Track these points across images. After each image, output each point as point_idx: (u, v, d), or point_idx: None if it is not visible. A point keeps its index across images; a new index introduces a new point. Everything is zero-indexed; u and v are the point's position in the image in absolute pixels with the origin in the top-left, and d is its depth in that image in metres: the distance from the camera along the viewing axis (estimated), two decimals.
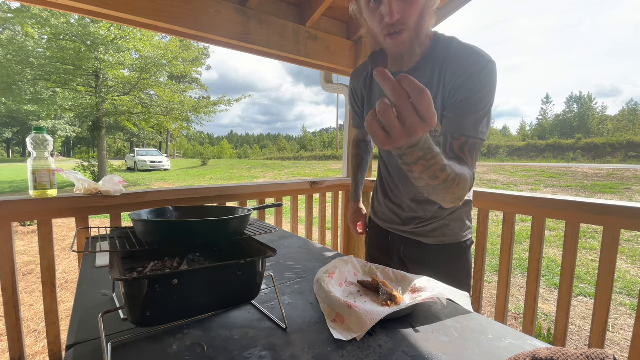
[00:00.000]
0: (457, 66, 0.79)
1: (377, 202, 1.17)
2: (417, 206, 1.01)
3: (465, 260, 1.02)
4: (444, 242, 1.00)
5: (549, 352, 0.42)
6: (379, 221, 1.17)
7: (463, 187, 0.68)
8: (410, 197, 1.02)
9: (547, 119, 56.55)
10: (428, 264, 1.00)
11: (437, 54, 0.83)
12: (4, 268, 1.18)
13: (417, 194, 1.00)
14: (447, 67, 0.80)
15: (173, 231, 0.62)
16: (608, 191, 8.10)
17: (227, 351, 0.53)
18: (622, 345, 2.15)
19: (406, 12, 0.75)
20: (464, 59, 0.79)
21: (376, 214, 1.18)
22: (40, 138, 1.19)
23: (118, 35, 10.58)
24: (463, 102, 0.77)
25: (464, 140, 0.76)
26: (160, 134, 33.89)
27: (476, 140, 0.77)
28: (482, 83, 0.76)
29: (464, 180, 0.67)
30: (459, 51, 0.80)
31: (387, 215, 1.11)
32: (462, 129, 0.76)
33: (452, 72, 0.79)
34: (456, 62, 0.79)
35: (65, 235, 4.79)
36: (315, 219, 3.89)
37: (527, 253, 2.57)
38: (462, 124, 0.77)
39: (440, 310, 0.68)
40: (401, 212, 1.06)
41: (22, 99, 10.46)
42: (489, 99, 0.77)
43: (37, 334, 2.23)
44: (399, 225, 1.07)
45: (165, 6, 1.34)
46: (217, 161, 28.31)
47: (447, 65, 0.81)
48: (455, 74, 0.79)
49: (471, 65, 0.77)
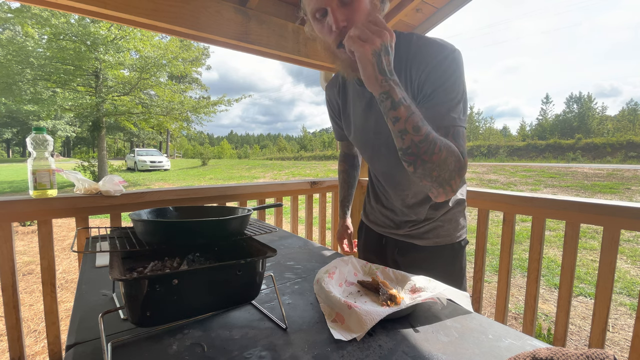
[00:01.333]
0: (420, 60, 0.77)
1: (370, 206, 1.16)
2: (408, 210, 1.00)
3: (460, 260, 1.01)
4: (438, 243, 0.99)
5: (549, 352, 0.42)
6: (372, 225, 1.15)
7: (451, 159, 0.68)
8: (400, 202, 1.01)
9: (547, 119, 56.59)
10: (423, 265, 0.97)
11: (398, 52, 0.80)
12: (4, 268, 1.18)
13: (406, 198, 0.99)
14: (411, 64, 0.79)
15: (173, 231, 0.62)
16: (608, 191, 8.11)
17: (227, 351, 0.53)
18: (622, 345, 2.15)
19: (351, 18, 0.74)
20: (425, 52, 0.77)
21: (369, 218, 1.16)
22: (40, 138, 1.19)
23: (118, 35, 10.58)
24: (433, 94, 0.75)
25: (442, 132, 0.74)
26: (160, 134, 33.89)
27: (457, 128, 0.74)
28: (447, 72, 0.75)
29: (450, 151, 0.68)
30: (420, 46, 0.79)
31: (380, 219, 1.10)
32: (439, 121, 0.74)
33: (416, 68, 0.78)
34: (418, 56, 0.78)
35: (65, 235, 4.79)
36: (315, 219, 3.89)
37: (527, 253, 2.57)
38: (437, 116, 0.74)
39: (440, 310, 0.68)
40: (394, 216, 1.05)
41: (22, 99, 10.46)
42: (458, 86, 0.75)
43: (37, 334, 2.23)
44: (392, 229, 1.06)
45: (165, 6, 1.34)
46: (217, 161, 28.33)
47: (409, 62, 0.79)
48: (419, 69, 0.77)
49: (433, 56, 0.76)
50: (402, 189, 0.98)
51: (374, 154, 0.98)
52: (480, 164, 16.51)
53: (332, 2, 0.72)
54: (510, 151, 28.78)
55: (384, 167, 0.99)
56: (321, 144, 67.37)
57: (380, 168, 1.01)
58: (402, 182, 0.97)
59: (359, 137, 1.00)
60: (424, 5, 1.82)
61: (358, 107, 0.95)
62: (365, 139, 0.97)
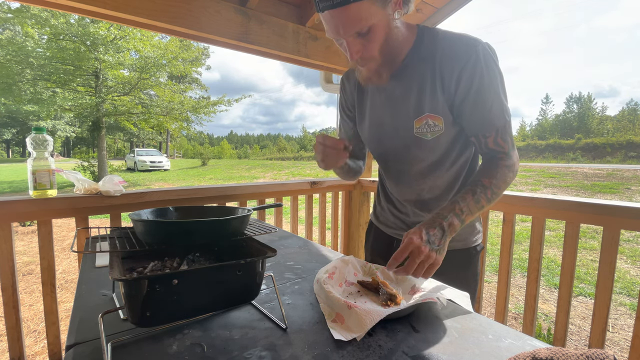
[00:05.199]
0: (451, 60, 0.77)
1: (380, 207, 1.12)
2: (422, 209, 0.97)
3: (474, 266, 0.97)
4: (451, 247, 0.92)
5: (549, 352, 0.42)
6: (382, 227, 1.11)
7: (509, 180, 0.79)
8: (412, 203, 0.98)
9: (546, 119, 56.61)
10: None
11: (425, 49, 0.81)
12: (4, 268, 1.18)
13: (421, 192, 0.95)
14: (441, 61, 0.78)
15: (173, 231, 0.62)
16: (608, 191, 8.11)
17: (227, 351, 0.53)
18: (622, 345, 2.15)
19: (367, 47, 0.74)
20: (455, 52, 0.77)
21: (379, 220, 1.12)
22: (40, 138, 1.19)
23: (118, 35, 10.58)
24: (475, 95, 0.76)
25: (494, 134, 0.79)
26: (160, 134, 33.88)
27: (505, 125, 0.78)
28: (483, 71, 0.75)
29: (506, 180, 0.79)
30: (449, 41, 0.78)
31: (391, 221, 1.06)
32: (489, 124, 0.78)
33: (448, 67, 0.77)
34: (448, 55, 0.78)
35: (65, 235, 4.79)
36: (315, 219, 3.89)
37: (527, 253, 2.57)
38: (485, 118, 0.78)
39: (440, 310, 0.68)
40: (406, 217, 1.01)
41: (22, 99, 10.46)
42: (497, 81, 0.76)
43: (37, 334, 2.23)
44: (404, 231, 1.01)
45: (165, 6, 1.34)
46: (217, 161, 28.33)
47: (439, 59, 0.79)
48: (453, 69, 0.77)
49: (465, 57, 0.75)
50: (417, 184, 0.94)
51: (388, 150, 0.95)
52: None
53: (347, 36, 0.72)
54: None
55: (399, 164, 0.95)
56: None
57: (395, 165, 0.97)
58: (417, 178, 0.94)
59: (374, 132, 0.96)
60: (424, 5, 1.82)
61: (377, 100, 0.92)
62: (380, 133, 0.94)
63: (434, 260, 0.67)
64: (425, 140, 0.85)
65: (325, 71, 2.15)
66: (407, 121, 0.85)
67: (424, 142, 0.85)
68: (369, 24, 0.70)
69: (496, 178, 0.77)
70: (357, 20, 0.68)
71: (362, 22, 0.69)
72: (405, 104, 0.85)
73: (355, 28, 0.70)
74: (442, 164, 0.89)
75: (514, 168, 0.80)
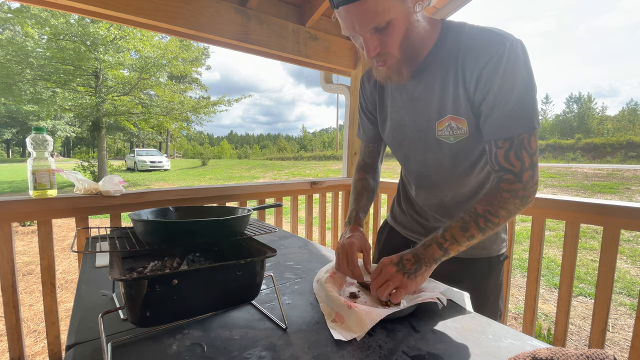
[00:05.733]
0: (476, 56, 0.70)
1: (399, 208, 1.06)
2: (442, 217, 0.91)
3: (495, 276, 0.91)
4: (472, 255, 0.88)
5: (549, 352, 0.42)
6: (399, 227, 1.05)
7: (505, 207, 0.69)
8: (433, 208, 0.92)
9: (546, 119, 56.59)
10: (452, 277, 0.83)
11: (449, 46, 0.74)
12: (4, 268, 1.18)
13: (444, 198, 0.89)
14: (465, 58, 0.71)
15: (173, 231, 0.62)
16: (608, 191, 8.11)
17: (227, 351, 0.53)
18: (622, 345, 2.15)
19: (385, 43, 0.69)
20: (480, 47, 0.69)
21: (396, 220, 1.07)
22: (40, 138, 1.19)
23: (118, 35, 10.58)
24: (495, 97, 0.68)
25: (507, 145, 0.69)
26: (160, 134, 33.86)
27: (522, 137, 0.67)
28: (507, 69, 0.66)
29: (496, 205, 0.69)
30: (474, 37, 0.71)
31: (409, 223, 1.01)
32: (503, 131, 0.69)
33: (471, 63, 0.70)
34: (473, 50, 0.70)
35: (65, 235, 4.79)
36: (315, 219, 3.88)
37: (527, 253, 2.57)
38: (500, 124, 0.69)
39: (440, 310, 0.68)
40: (426, 222, 0.96)
41: (22, 99, 10.45)
42: (524, 83, 0.67)
43: (37, 334, 2.23)
44: (422, 235, 0.96)
45: (165, 6, 1.34)
46: (217, 161, 28.33)
47: (462, 56, 0.72)
48: (474, 67, 0.70)
49: (492, 52, 0.67)
50: (439, 189, 0.89)
51: (410, 152, 0.90)
52: None
53: (364, 32, 0.68)
54: None
55: (421, 167, 0.90)
56: (321, 144, 67.43)
57: (416, 168, 0.91)
58: (439, 183, 0.88)
59: (395, 133, 0.91)
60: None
61: (398, 100, 0.87)
62: (402, 135, 0.89)
63: (400, 283, 0.65)
64: (448, 144, 0.79)
65: (325, 71, 2.15)
66: (429, 123, 0.80)
67: (446, 145, 0.80)
68: (387, 18, 0.65)
69: (493, 205, 0.69)
70: (374, 14, 0.64)
71: (379, 17, 0.64)
72: (427, 105, 0.80)
73: (372, 23, 0.65)
74: (466, 171, 0.83)
75: (521, 194, 0.69)
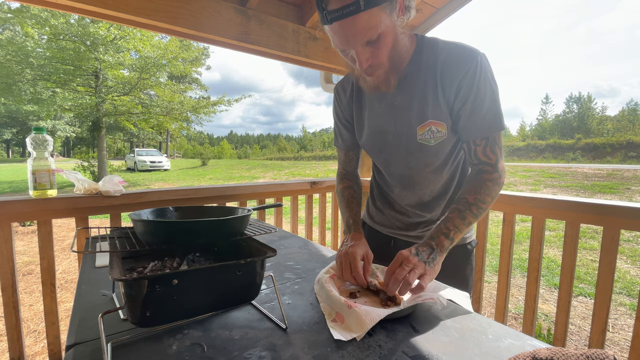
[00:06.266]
0: (452, 69, 0.79)
1: (376, 208, 1.11)
2: (423, 209, 0.98)
3: (471, 261, 1.02)
4: None
5: (549, 352, 0.42)
6: (377, 226, 1.10)
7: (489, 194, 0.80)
8: (416, 200, 0.98)
9: (546, 119, 56.59)
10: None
11: (426, 58, 0.83)
12: (4, 268, 1.18)
13: (423, 195, 0.97)
14: (442, 70, 0.80)
15: (173, 231, 0.62)
16: (608, 191, 8.11)
17: (227, 351, 0.53)
18: (622, 345, 2.15)
19: (376, 55, 0.73)
20: (456, 61, 0.79)
21: (373, 220, 1.12)
22: (40, 138, 1.19)
23: (118, 35, 10.57)
24: (472, 104, 0.79)
25: (484, 143, 0.82)
26: (160, 134, 33.86)
27: (495, 135, 0.81)
28: (480, 80, 0.78)
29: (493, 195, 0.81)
30: (449, 52, 0.80)
31: (388, 221, 1.07)
32: (481, 132, 0.81)
33: (448, 76, 0.80)
34: (449, 64, 0.80)
35: (65, 235, 4.79)
36: (315, 219, 3.89)
37: (527, 253, 2.57)
38: (478, 126, 0.81)
39: (440, 310, 0.68)
40: (406, 218, 1.02)
41: (22, 99, 10.45)
42: (493, 91, 0.79)
43: (37, 334, 2.23)
44: (403, 231, 1.03)
45: (165, 6, 1.34)
46: (217, 161, 28.33)
47: (439, 68, 0.81)
48: (453, 78, 0.79)
49: (465, 66, 0.78)
50: (420, 188, 0.96)
51: (391, 157, 0.96)
52: None
53: (357, 46, 0.70)
54: (510, 151, 28.79)
55: (402, 169, 0.96)
56: (321, 144, 67.39)
57: (397, 171, 0.97)
58: (420, 182, 0.96)
59: (375, 140, 0.96)
60: (424, 5, 1.82)
61: (377, 109, 0.93)
62: (383, 141, 0.94)
63: (424, 270, 0.68)
64: (429, 146, 0.87)
65: (325, 71, 2.15)
66: (410, 128, 0.87)
67: (427, 147, 0.87)
68: (378, 31, 0.69)
69: (480, 194, 0.79)
70: (367, 28, 0.67)
71: (372, 30, 0.68)
72: (408, 112, 0.86)
73: (365, 37, 0.69)
74: (441, 168, 0.92)
75: (499, 181, 0.82)
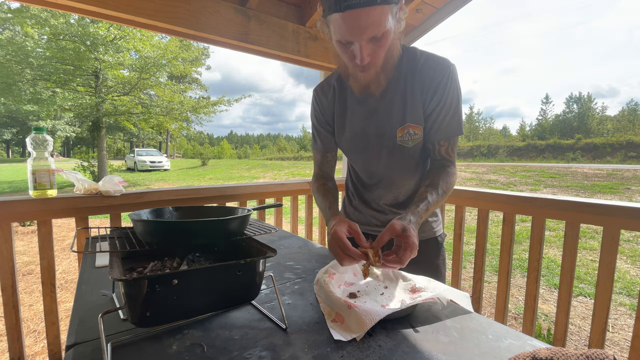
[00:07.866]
0: (427, 77, 0.87)
1: (352, 207, 1.13)
2: (398, 207, 1.03)
3: (443, 253, 1.08)
4: (423, 237, 1.03)
5: (549, 352, 0.42)
6: None
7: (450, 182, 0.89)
8: (392, 199, 1.03)
9: (546, 119, 56.61)
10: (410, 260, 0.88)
11: (405, 65, 0.89)
12: (4, 268, 1.18)
13: (399, 195, 1.02)
14: (419, 77, 0.88)
15: (173, 231, 0.62)
16: (608, 191, 8.11)
17: (227, 351, 0.53)
18: (622, 345, 2.15)
19: (376, 53, 0.76)
20: (433, 69, 0.87)
21: (350, 218, 1.13)
22: (40, 138, 1.19)
23: (118, 35, 10.57)
24: (441, 109, 0.87)
25: (447, 144, 0.91)
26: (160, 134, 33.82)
27: (455, 138, 0.91)
28: (450, 89, 0.86)
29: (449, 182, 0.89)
30: (426, 60, 0.88)
31: (365, 219, 1.09)
32: (445, 135, 0.90)
33: (427, 82, 0.87)
34: (427, 72, 0.87)
35: (65, 235, 4.79)
36: (315, 219, 3.89)
37: (527, 253, 2.57)
38: (444, 130, 0.89)
39: (440, 310, 0.68)
40: (383, 216, 1.06)
41: (22, 99, 10.45)
42: (458, 99, 0.89)
43: (37, 334, 2.23)
44: (380, 227, 1.06)
45: (165, 6, 1.34)
46: (216, 161, 28.32)
47: (417, 76, 0.88)
48: (428, 85, 0.87)
49: (439, 75, 0.86)
50: (396, 187, 1.02)
51: (372, 157, 1.00)
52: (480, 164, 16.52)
53: (363, 39, 0.72)
54: (510, 151, 28.81)
55: (383, 169, 1.00)
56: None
57: (378, 171, 1.01)
58: (397, 182, 1.01)
59: (357, 141, 0.99)
60: (424, 5, 1.82)
61: (358, 112, 0.96)
62: (364, 143, 0.98)
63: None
64: (407, 148, 0.93)
65: (325, 71, 2.15)
66: (391, 131, 0.92)
67: (405, 149, 0.93)
68: (385, 29, 0.70)
69: (447, 183, 0.88)
70: (377, 23, 0.69)
71: (381, 26, 0.70)
72: (389, 115, 0.92)
73: (374, 31, 0.70)
74: (417, 168, 0.99)
75: (456, 174, 0.93)
